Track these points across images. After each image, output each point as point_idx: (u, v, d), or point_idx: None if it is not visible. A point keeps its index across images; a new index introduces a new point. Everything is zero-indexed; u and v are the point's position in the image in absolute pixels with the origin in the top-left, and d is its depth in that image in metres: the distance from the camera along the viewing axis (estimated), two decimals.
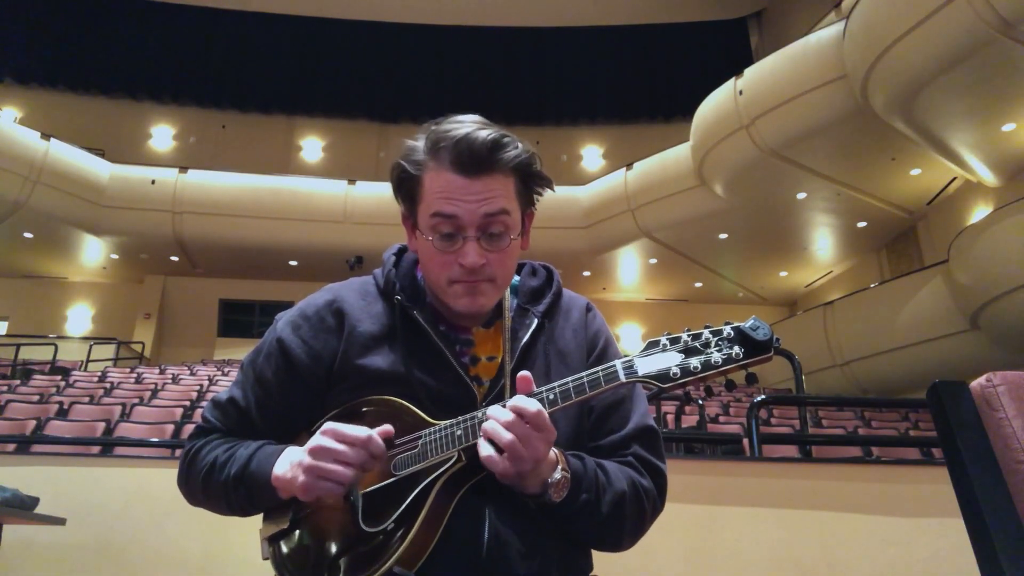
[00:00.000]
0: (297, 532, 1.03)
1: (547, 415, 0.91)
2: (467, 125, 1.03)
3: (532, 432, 0.90)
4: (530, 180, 1.07)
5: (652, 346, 0.93)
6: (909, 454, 4.81)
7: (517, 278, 1.20)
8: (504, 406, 0.92)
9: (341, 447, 0.93)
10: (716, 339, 0.90)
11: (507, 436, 0.89)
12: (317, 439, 0.94)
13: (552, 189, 1.11)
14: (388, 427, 0.97)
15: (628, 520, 1.03)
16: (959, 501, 0.92)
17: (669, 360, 0.91)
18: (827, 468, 2.76)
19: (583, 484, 0.98)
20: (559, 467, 0.97)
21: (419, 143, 1.06)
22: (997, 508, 0.87)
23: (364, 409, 1.04)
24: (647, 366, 0.91)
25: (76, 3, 17.69)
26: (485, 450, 0.91)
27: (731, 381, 0.94)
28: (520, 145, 1.05)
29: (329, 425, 0.95)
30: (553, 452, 0.97)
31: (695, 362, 0.89)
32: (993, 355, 9.43)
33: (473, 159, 1.01)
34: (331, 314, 1.11)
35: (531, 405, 0.90)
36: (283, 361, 1.10)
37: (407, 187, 1.07)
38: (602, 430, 1.10)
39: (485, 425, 0.92)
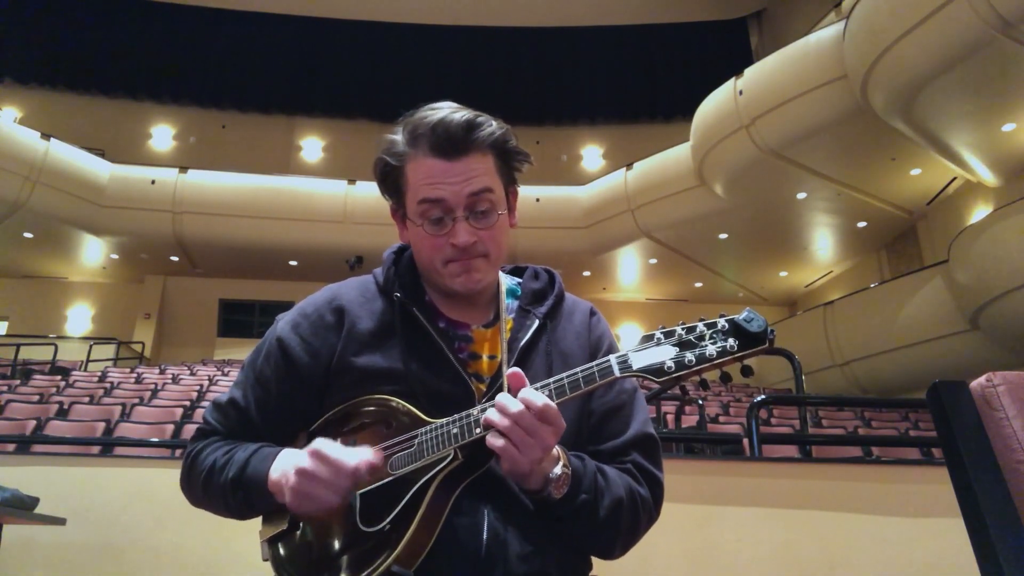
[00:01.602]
0: (295, 533, 1.03)
1: (555, 407, 0.91)
2: (441, 110, 1.06)
3: (539, 424, 0.89)
4: (508, 156, 1.09)
5: (646, 340, 0.92)
6: (909, 454, 4.81)
7: (519, 281, 1.21)
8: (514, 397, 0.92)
9: (325, 474, 0.93)
10: (711, 332, 0.90)
11: (505, 423, 0.89)
12: (305, 461, 0.94)
13: (530, 163, 1.13)
14: (379, 456, 0.96)
15: (623, 527, 1.03)
16: (959, 501, 0.92)
17: (664, 354, 0.90)
18: (827, 468, 2.76)
19: (583, 484, 0.98)
20: (560, 463, 0.97)
21: (397, 136, 1.09)
22: (997, 508, 0.87)
23: (360, 410, 1.04)
24: (641, 360, 0.91)
25: (76, 3, 17.69)
26: (497, 440, 0.90)
27: (727, 374, 0.93)
28: (494, 123, 1.07)
29: (316, 448, 0.94)
30: (555, 448, 0.97)
31: (690, 355, 0.89)
32: (993, 355, 9.43)
33: (450, 142, 1.03)
34: (330, 312, 1.11)
35: (538, 398, 0.90)
36: (283, 360, 1.10)
37: (392, 180, 1.10)
38: (602, 434, 1.10)
39: (488, 414, 0.91)
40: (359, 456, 0.94)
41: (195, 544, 2.70)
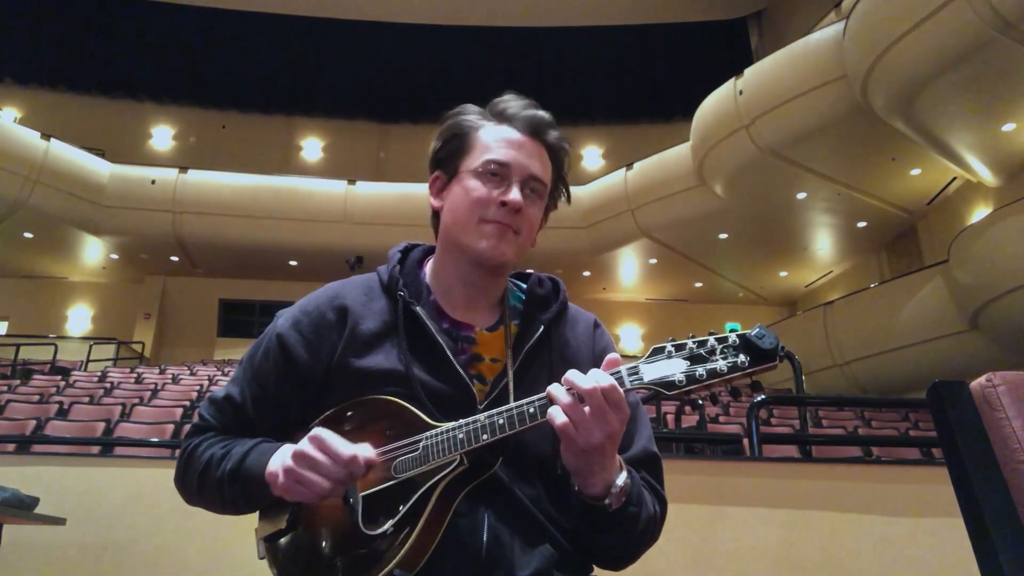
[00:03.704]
0: (294, 533, 1.02)
1: (620, 391, 0.90)
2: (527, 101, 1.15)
3: (606, 405, 0.89)
4: (560, 178, 1.17)
5: (657, 353, 0.92)
6: (909, 454, 4.81)
7: (524, 285, 1.21)
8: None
9: (322, 459, 0.92)
10: (721, 347, 0.89)
11: (589, 388, 0.88)
12: (303, 445, 0.94)
13: (568, 200, 1.19)
14: (374, 455, 0.95)
15: (645, 542, 1.04)
16: (959, 501, 0.92)
17: (674, 367, 0.90)
18: (827, 468, 2.76)
19: (633, 496, 0.98)
20: (624, 474, 0.96)
21: (469, 107, 1.17)
22: (997, 508, 0.87)
23: (361, 410, 1.04)
24: (652, 373, 0.90)
25: (76, 3, 17.69)
26: (560, 416, 0.89)
27: (736, 389, 0.93)
28: (566, 140, 1.17)
29: (317, 433, 0.94)
30: (617, 458, 0.97)
31: (700, 370, 0.89)
32: (993, 355, 9.43)
33: (535, 122, 1.12)
34: (332, 310, 1.11)
35: (606, 379, 0.89)
36: (282, 357, 1.09)
37: (456, 142, 1.13)
38: None
39: (567, 377, 0.90)
40: (357, 449, 0.93)
41: (195, 544, 2.70)
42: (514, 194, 1.07)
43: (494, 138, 1.11)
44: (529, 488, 1.02)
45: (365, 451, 0.93)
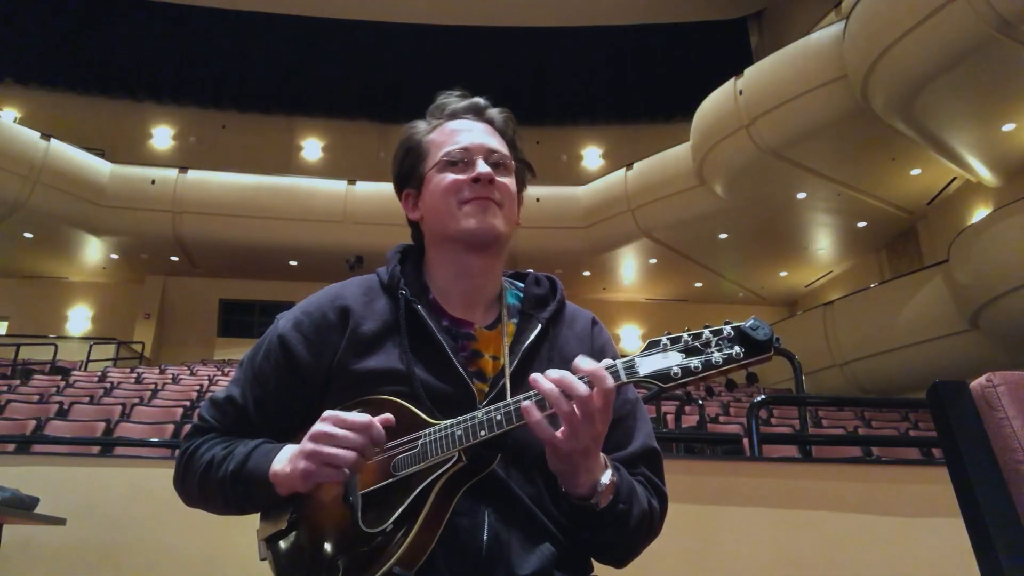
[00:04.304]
0: (295, 533, 1.02)
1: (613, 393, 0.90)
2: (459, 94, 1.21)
3: (598, 408, 0.89)
4: (518, 156, 1.19)
5: (652, 346, 0.92)
6: (909, 454, 4.81)
7: (521, 284, 1.21)
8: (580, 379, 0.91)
9: (342, 432, 0.93)
10: (716, 339, 0.90)
11: (580, 390, 0.88)
12: (318, 425, 0.95)
13: (532, 173, 1.22)
14: (389, 415, 0.96)
15: (642, 538, 1.04)
16: (959, 501, 0.92)
17: (670, 360, 0.90)
18: (827, 468, 2.76)
19: (621, 493, 0.98)
20: (608, 471, 0.97)
21: (417, 122, 1.20)
22: (997, 508, 0.87)
23: (362, 408, 1.03)
24: (648, 366, 0.91)
25: (76, 3, 17.69)
26: (535, 413, 0.89)
27: (731, 381, 0.94)
28: (511, 117, 1.21)
29: (329, 411, 0.95)
30: (601, 456, 0.97)
31: (696, 362, 0.89)
32: (993, 355, 9.43)
33: (475, 107, 1.19)
34: (333, 311, 1.11)
35: (607, 381, 0.89)
36: (283, 358, 1.09)
37: (413, 156, 1.17)
38: (607, 444, 1.09)
39: (544, 385, 0.90)
40: (371, 417, 0.94)
41: (195, 544, 2.70)
42: (481, 167, 1.10)
43: (444, 134, 1.15)
44: (530, 486, 1.02)
45: (379, 417, 0.95)
